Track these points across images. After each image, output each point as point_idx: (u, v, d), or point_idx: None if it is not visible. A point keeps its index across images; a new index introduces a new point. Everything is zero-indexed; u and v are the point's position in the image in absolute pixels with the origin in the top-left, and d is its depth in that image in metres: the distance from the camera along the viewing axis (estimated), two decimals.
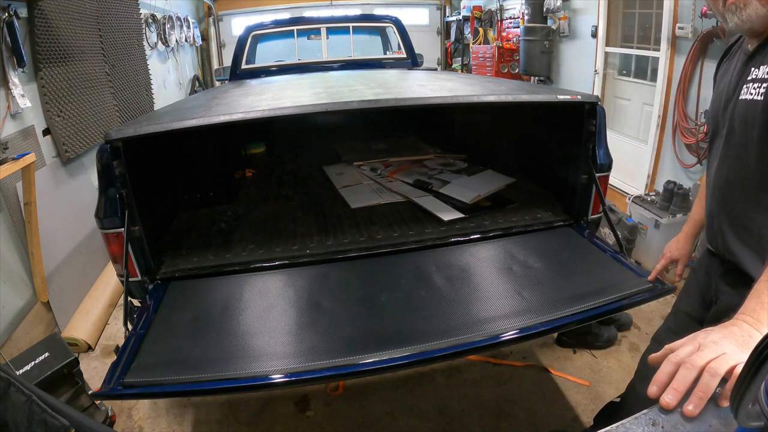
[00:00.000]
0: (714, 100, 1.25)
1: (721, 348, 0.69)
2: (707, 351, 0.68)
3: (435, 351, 1.26)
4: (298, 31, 4.17)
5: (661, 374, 0.68)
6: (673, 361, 0.69)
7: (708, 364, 0.66)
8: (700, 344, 0.70)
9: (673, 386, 0.66)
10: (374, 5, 7.38)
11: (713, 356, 0.67)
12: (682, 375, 0.67)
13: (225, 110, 1.75)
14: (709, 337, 0.71)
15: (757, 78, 1.02)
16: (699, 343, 0.70)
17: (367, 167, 2.93)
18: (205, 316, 1.51)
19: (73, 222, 2.86)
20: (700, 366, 0.66)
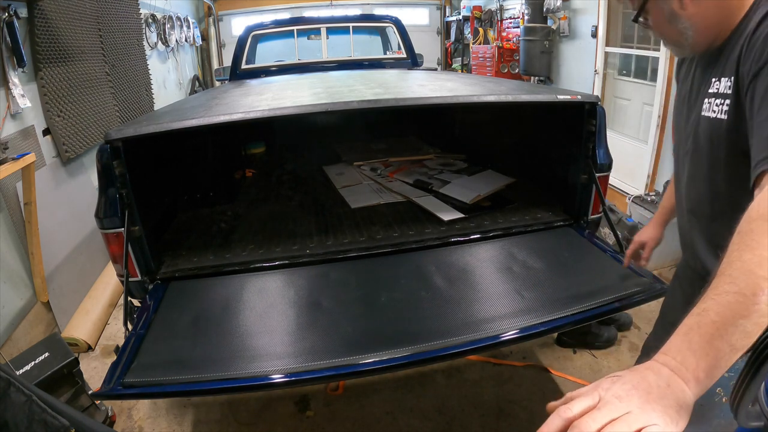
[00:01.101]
0: (676, 106, 1.21)
1: (624, 406, 0.54)
2: (605, 411, 0.53)
3: (435, 351, 1.26)
4: (298, 31, 4.17)
5: (545, 428, 0.55)
6: (562, 416, 0.54)
7: (601, 429, 0.52)
8: (600, 398, 0.55)
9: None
10: (374, 5, 7.37)
11: (610, 418, 0.53)
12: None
13: (225, 110, 1.75)
14: (613, 390, 0.56)
15: (719, 93, 0.98)
16: (599, 397, 0.56)
17: (367, 167, 2.93)
18: (205, 316, 1.51)
19: (73, 222, 2.86)
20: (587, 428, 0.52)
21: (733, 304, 0.58)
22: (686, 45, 1.02)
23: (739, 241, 0.66)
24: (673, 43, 1.05)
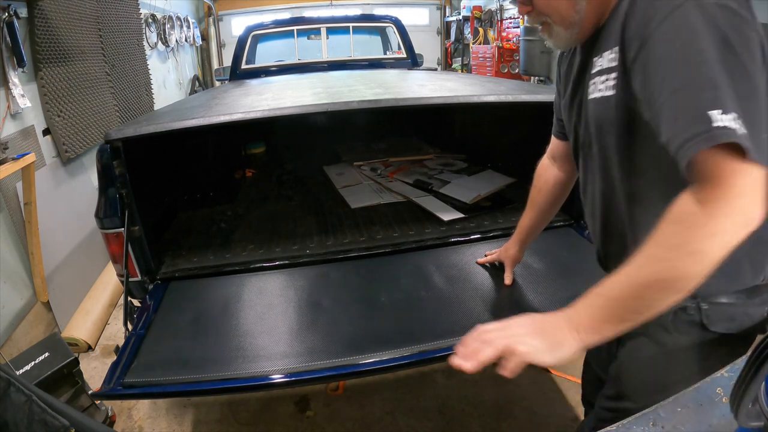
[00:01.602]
0: (561, 105, 1.08)
1: (518, 330, 0.77)
2: (502, 329, 0.79)
3: (435, 351, 1.26)
4: (298, 31, 4.17)
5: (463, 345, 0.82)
6: (478, 329, 0.82)
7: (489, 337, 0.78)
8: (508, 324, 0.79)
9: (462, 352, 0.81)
10: (374, 5, 7.37)
11: (504, 334, 0.77)
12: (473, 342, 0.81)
13: (225, 110, 1.75)
14: (518, 320, 0.79)
15: (603, 69, 0.83)
16: (508, 323, 0.79)
17: (367, 167, 2.93)
18: (205, 316, 1.51)
19: (73, 222, 2.86)
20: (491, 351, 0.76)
21: (625, 289, 0.71)
22: (576, 23, 0.86)
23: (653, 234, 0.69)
24: (562, 22, 0.88)
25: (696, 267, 0.66)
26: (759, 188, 0.63)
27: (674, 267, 0.67)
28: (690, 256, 0.66)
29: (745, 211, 0.63)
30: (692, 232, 0.65)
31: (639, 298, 0.71)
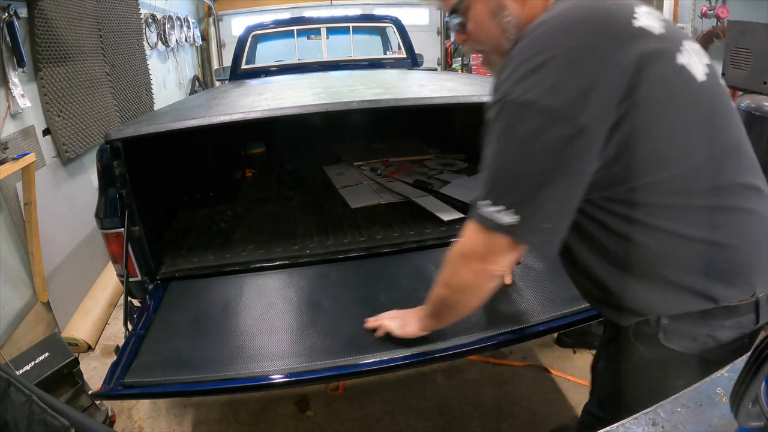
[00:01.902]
0: None
1: (391, 316, 1.30)
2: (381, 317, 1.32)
3: (435, 351, 1.26)
4: (298, 31, 4.17)
5: (369, 324, 1.33)
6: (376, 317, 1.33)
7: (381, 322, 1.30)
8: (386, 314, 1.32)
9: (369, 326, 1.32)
10: (374, 5, 7.37)
11: (383, 318, 1.30)
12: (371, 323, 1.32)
13: (225, 110, 1.75)
14: (392, 311, 1.32)
15: None
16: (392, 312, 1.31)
17: (367, 167, 2.93)
18: (205, 316, 1.51)
19: (73, 222, 2.86)
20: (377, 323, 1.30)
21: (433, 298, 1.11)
22: (504, 48, 0.88)
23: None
24: (496, 50, 0.91)
25: (445, 292, 1.03)
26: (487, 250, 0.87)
27: (441, 290, 1.04)
28: (445, 286, 1.02)
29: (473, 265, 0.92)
30: (448, 268, 0.99)
31: (437, 305, 1.10)
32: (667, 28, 0.79)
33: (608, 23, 0.76)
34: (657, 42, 0.76)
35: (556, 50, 0.74)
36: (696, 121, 0.80)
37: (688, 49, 0.80)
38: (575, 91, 0.72)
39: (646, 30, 0.76)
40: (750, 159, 0.87)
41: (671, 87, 0.77)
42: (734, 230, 0.83)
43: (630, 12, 0.78)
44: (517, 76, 0.75)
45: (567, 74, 0.73)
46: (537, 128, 0.74)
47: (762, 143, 2.16)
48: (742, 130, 0.88)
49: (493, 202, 0.81)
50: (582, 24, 0.76)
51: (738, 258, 0.83)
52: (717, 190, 0.81)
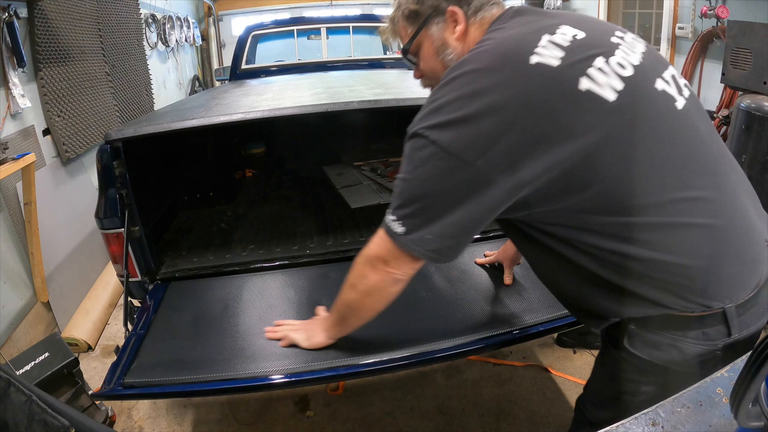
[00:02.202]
0: None
1: (295, 327, 1.35)
2: (285, 325, 1.37)
3: (435, 351, 1.26)
4: (298, 31, 4.16)
5: (269, 334, 1.37)
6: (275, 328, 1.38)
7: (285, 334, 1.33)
8: (292, 324, 1.37)
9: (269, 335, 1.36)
10: (374, 5, 7.38)
11: (288, 328, 1.35)
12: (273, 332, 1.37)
13: (225, 110, 1.75)
14: (297, 323, 1.37)
15: None
16: (294, 324, 1.37)
17: (367, 167, 2.94)
18: (205, 317, 1.51)
19: (73, 222, 2.86)
20: (280, 335, 1.34)
21: (338, 304, 1.16)
22: None
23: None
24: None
25: (351, 294, 1.09)
26: (390, 257, 0.95)
27: (347, 293, 1.10)
28: (352, 288, 1.07)
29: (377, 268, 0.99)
30: (355, 271, 1.05)
31: (344, 309, 1.15)
32: (569, 53, 0.79)
33: (509, 66, 0.80)
34: (552, 76, 0.77)
35: (455, 91, 0.81)
36: (630, 143, 0.79)
37: (598, 67, 0.79)
38: (471, 138, 0.78)
39: (541, 65, 0.78)
40: (700, 167, 0.84)
41: (571, 117, 0.77)
42: (680, 247, 0.81)
43: (532, 47, 0.79)
44: (427, 112, 0.84)
45: (458, 116, 0.79)
46: (427, 158, 0.82)
47: (762, 143, 2.16)
48: (696, 135, 0.85)
49: (392, 212, 0.90)
50: (482, 72, 0.80)
51: (687, 274, 0.82)
52: (657, 207, 0.80)
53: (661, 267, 0.82)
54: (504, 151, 0.77)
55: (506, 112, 0.77)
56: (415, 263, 0.96)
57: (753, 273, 0.86)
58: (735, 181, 0.88)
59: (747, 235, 0.86)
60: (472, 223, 0.85)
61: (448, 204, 0.83)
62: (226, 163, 3.09)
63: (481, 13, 0.94)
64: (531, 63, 0.78)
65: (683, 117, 0.84)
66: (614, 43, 0.85)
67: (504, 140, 0.77)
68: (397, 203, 0.89)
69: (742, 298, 0.84)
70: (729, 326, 0.84)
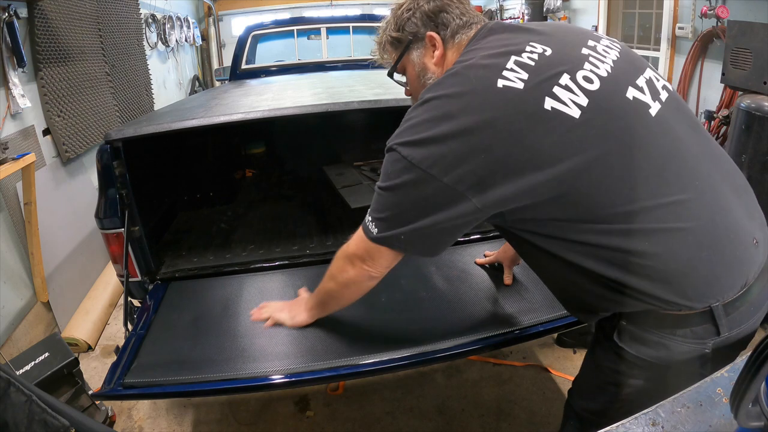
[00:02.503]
0: None
1: (279, 307, 1.42)
2: (271, 305, 1.45)
3: (435, 351, 1.26)
4: (298, 31, 4.16)
5: (254, 315, 1.44)
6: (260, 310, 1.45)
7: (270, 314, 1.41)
8: (275, 305, 1.44)
9: (255, 318, 1.43)
10: (374, 5, 7.38)
11: (272, 309, 1.42)
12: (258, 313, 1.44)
13: (225, 110, 1.75)
14: (280, 302, 1.45)
15: None
16: (278, 304, 1.44)
17: (367, 167, 2.93)
18: (205, 317, 1.51)
19: (73, 222, 2.86)
20: (265, 315, 1.42)
21: (320, 289, 1.25)
22: None
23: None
24: None
25: (331, 285, 1.18)
26: (366, 254, 1.04)
27: (328, 283, 1.19)
28: (332, 279, 1.17)
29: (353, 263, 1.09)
30: (336, 264, 1.14)
31: (324, 296, 1.25)
32: (534, 73, 0.82)
33: (477, 91, 0.84)
34: (517, 98, 0.81)
35: (432, 116, 0.85)
36: (596, 158, 0.81)
37: (564, 84, 0.82)
38: (439, 156, 0.83)
39: (508, 88, 0.81)
40: (676, 172, 0.85)
41: (536, 137, 0.80)
42: (654, 252, 0.82)
43: (499, 71, 0.83)
44: (403, 129, 0.90)
45: (429, 136, 0.84)
46: (399, 171, 0.88)
47: (762, 143, 2.16)
48: (673, 140, 0.86)
49: (369, 215, 0.99)
50: (460, 96, 0.85)
51: (664, 277, 0.83)
52: (627, 216, 0.82)
53: (638, 270, 0.83)
54: (471, 170, 0.81)
55: (474, 134, 0.81)
56: (390, 261, 1.03)
57: (738, 273, 0.86)
58: (719, 181, 0.88)
59: (730, 235, 0.86)
60: (445, 231, 0.90)
61: (418, 214, 0.88)
62: (226, 163, 3.09)
63: (458, 36, 0.99)
64: (498, 87, 0.82)
65: (657, 123, 0.86)
66: (583, 56, 0.87)
67: (471, 161, 0.81)
68: (373, 208, 0.97)
69: (730, 297, 0.85)
70: (717, 325, 0.85)
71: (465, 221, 0.87)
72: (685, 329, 0.86)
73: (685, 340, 0.87)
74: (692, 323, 0.86)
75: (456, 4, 1.00)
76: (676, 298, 0.84)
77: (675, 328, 0.87)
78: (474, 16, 1.01)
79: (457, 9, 1.00)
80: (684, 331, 0.87)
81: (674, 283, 0.84)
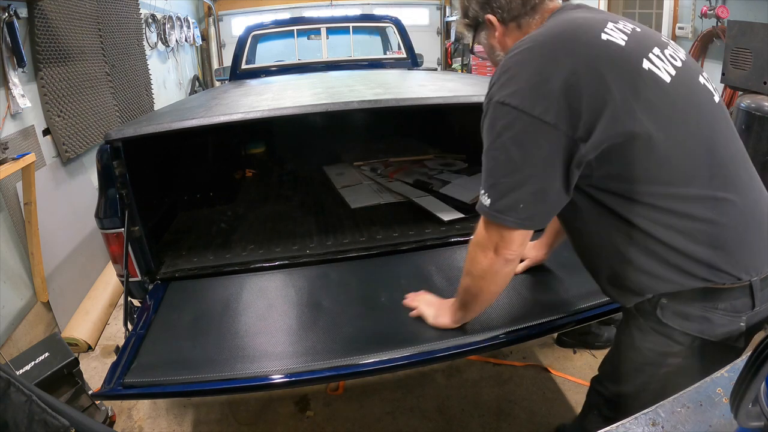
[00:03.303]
0: None
1: (425, 301, 1.38)
2: (419, 298, 1.41)
3: (435, 351, 1.26)
4: (298, 31, 4.17)
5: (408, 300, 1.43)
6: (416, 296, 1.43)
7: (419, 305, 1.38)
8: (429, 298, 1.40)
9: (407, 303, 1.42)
10: (374, 5, 7.37)
11: (419, 302, 1.39)
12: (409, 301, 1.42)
13: (225, 110, 1.75)
14: (427, 297, 1.41)
15: None
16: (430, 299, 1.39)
17: (367, 167, 2.93)
18: (205, 317, 1.51)
19: (73, 222, 2.86)
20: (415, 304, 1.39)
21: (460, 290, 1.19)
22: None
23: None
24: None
25: (468, 280, 1.12)
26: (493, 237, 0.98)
27: (464, 279, 1.14)
28: (467, 274, 1.11)
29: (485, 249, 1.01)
30: (468, 257, 1.08)
31: (464, 294, 1.19)
32: (632, 38, 0.91)
33: (574, 41, 0.90)
34: (620, 51, 0.89)
35: (525, 62, 0.90)
36: (682, 120, 0.90)
37: (656, 54, 0.91)
38: (538, 94, 0.87)
39: (611, 42, 0.89)
40: (730, 152, 0.94)
41: (636, 89, 0.87)
42: (718, 216, 0.89)
43: (601, 27, 0.91)
44: (504, 81, 0.91)
45: (529, 81, 0.88)
46: (508, 123, 0.89)
47: (762, 143, 2.16)
48: (726, 127, 0.96)
49: (482, 188, 0.96)
50: (550, 42, 0.91)
51: (722, 242, 0.90)
52: (702, 180, 0.89)
53: (702, 237, 0.89)
54: (577, 113, 0.85)
55: (580, 78, 0.85)
56: (519, 237, 0.97)
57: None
58: (753, 168, 0.99)
59: (766, 214, 0.95)
60: (560, 184, 0.90)
61: (534, 167, 0.89)
62: (226, 163, 3.09)
63: (522, 18, 1.03)
64: (602, 39, 0.89)
65: (719, 108, 0.97)
66: (664, 42, 0.97)
67: (577, 103, 0.85)
68: (485, 177, 0.95)
69: (765, 273, 0.93)
70: (754, 298, 0.92)
71: (572, 171, 0.89)
72: (726, 303, 0.92)
73: (726, 314, 0.92)
74: (733, 296, 0.92)
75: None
76: (729, 268, 0.90)
77: (717, 301, 0.92)
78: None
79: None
80: (725, 305, 0.92)
81: (729, 251, 0.90)
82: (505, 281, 1.08)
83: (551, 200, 0.93)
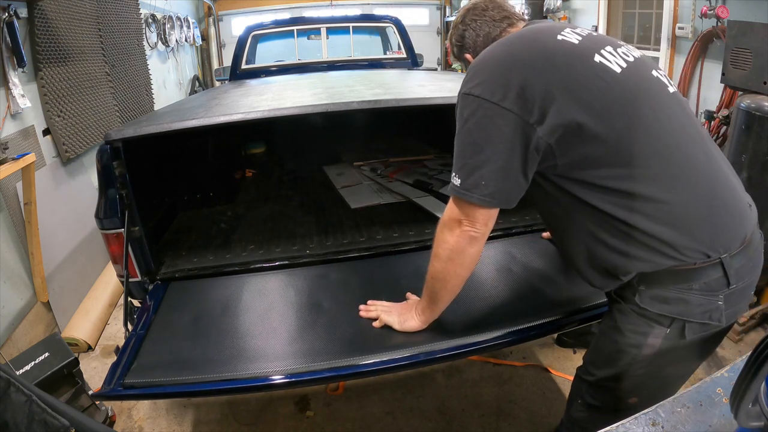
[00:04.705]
0: None
1: (388, 308, 1.38)
2: (379, 306, 1.40)
3: (435, 351, 1.26)
4: (298, 31, 4.16)
5: (362, 312, 1.42)
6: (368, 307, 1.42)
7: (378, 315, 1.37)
8: (385, 305, 1.40)
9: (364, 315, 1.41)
10: (374, 5, 7.37)
11: (381, 309, 1.38)
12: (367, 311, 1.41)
13: (225, 110, 1.75)
14: (388, 304, 1.40)
15: None
16: (387, 305, 1.39)
17: (367, 167, 2.93)
18: (205, 317, 1.51)
19: (73, 222, 2.86)
20: (374, 315, 1.39)
21: (427, 283, 1.22)
22: None
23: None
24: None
25: (435, 265, 1.14)
26: (459, 214, 1.05)
27: (432, 264, 1.15)
28: (435, 257, 1.13)
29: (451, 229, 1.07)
30: (435, 240, 1.12)
31: (431, 284, 1.19)
32: (586, 39, 1.03)
33: (533, 40, 1.04)
34: (573, 47, 1.00)
35: (487, 59, 1.04)
36: (633, 106, 0.97)
37: (608, 51, 1.02)
38: (497, 85, 0.97)
39: (566, 40, 1.01)
40: (689, 135, 1.00)
41: (587, 77, 0.96)
42: (681, 192, 0.96)
43: (558, 31, 1.04)
44: (470, 77, 1.04)
45: (490, 74, 1.00)
46: (472, 111, 1.00)
47: (762, 143, 2.16)
48: (684, 115, 1.02)
49: (453, 171, 1.04)
50: (510, 43, 1.05)
51: (688, 222, 0.95)
52: (654, 163, 0.96)
53: (663, 217, 0.94)
54: (532, 100, 0.94)
55: (535, 69, 0.96)
56: (483, 215, 1.03)
57: (740, 226, 0.99)
58: (716, 154, 1.04)
59: (732, 192, 1.01)
60: (518, 165, 0.98)
61: (491, 147, 0.98)
62: (226, 163, 3.08)
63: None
64: (557, 39, 1.02)
65: (674, 97, 1.04)
66: (619, 43, 1.07)
67: (533, 91, 0.94)
68: (455, 161, 1.03)
69: (735, 250, 0.97)
70: (727, 275, 0.96)
71: (531, 151, 0.97)
72: (700, 282, 0.96)
73: (702, 294, 0.96)
74: (706, 275, 0.96)
75: (474, 25, 1.20)
76: (695, 245, 0.94)
77: (692, 282, 0.96)
78: (499, 21, 1.18)
79: (479, 26, 1.20)
80: (700, 284, 0.96)
81: (694, 230, 0.95)
82: (471, 263, 1.11)
83: (512, 179, 1.00)
